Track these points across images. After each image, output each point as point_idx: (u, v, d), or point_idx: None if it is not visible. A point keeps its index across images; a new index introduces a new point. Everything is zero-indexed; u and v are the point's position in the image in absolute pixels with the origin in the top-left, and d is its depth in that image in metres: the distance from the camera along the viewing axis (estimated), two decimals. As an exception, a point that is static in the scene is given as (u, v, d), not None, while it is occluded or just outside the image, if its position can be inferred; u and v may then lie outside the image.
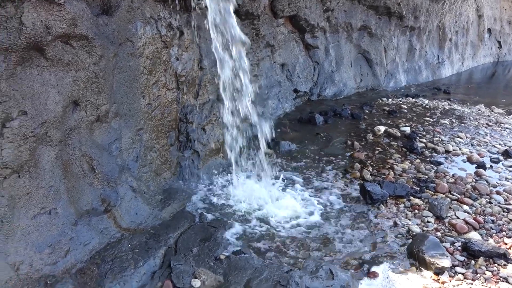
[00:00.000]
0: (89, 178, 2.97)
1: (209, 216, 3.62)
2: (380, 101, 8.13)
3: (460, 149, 5.50)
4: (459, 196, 4.11)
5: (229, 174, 4.40)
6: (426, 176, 4.58)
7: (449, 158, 5.19)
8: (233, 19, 3.93)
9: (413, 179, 4.50)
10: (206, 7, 3.85)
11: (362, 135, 5.95)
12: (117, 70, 3.23)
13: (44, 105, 2.57)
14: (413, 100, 8.44)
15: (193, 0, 3.91)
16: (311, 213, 3.76)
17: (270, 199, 3.89)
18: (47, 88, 2.59)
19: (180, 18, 3.92)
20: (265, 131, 4.42)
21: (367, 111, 7.31)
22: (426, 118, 6.98)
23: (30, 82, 2.48)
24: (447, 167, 4.88)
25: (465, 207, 3.91)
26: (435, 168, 4.83)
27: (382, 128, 6.10)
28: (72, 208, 2.80)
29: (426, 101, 8.33)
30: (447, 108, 7.90)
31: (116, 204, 3.14)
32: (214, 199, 3.93)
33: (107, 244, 2.96)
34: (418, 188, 4.27)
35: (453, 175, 4.61)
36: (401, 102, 8.12)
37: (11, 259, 2.39)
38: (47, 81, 2.60)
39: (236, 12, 4.16)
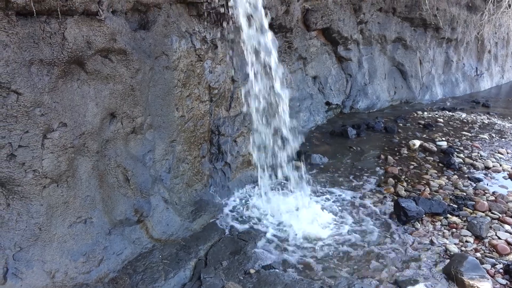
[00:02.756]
0: (123, 189, 3.03)
1: (239, 229, 3.61)
2: (415, 114, 7.92)
3: (500, 165, 5.25)
4: (500, 215, 3.91)
5: (259, 187, 4.39)
6: (464, 193, 4.40)
7: (489, 175, 4.97)
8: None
9: (450, 196, 4.33)
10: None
11: (396, 149, 5.80)
12: (152, 83, 3.31)
13: (83, 117, 2.66)
14: (450, 113, 8.18)
15: (226, 14, 3.96)
16: (342, 229, 3.67)
17: (300, 213, 3.84)
18: (86, 101, 2.68)
19: (214, 31, 3.98)
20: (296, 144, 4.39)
21: (401, 124, 7.13)
22: (464, 133, 6.73)
23: (70, 94, 2.58)
24: (487, 184, 4.67)
25: (507, 227, 3.72)
26: (474, 184, 4.63)
27: (417, 142, 5.93)
28: (106, 218, 2.86)
29: (464, 115, 8.05)
30: (486, 122, 7.60)
31: (148, 214, 3.19)
32: (244, 212, 3.92)
33: (139, 254, 3.00)
34: (456, 206, 4.10)
35: (493, 193, 4.41)
36: (437, 116, 7.88)
37: (48, 266, 2.46)
38: (86, 94, 2.69)
39: (269, 25, 4.18)
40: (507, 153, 5.75)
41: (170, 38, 3.44)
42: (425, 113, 8.10)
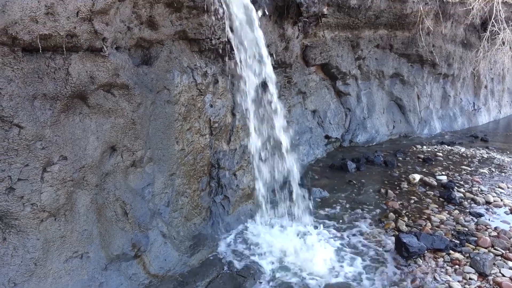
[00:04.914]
0: (121, 223, 3.00)
1: (238, 265, 3.55)
2: (414, 148, 7.95)
3: (501, 200, 5.22)
4: (503, 251, 3.85)
5: (259, 221, 4.34)
6: (466, 229, 4.35)
7: (490, 210, 4.93)
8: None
9: (452, 231, 4.27)
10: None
11: (396, 183, 5.79)
12: (153, 116, 3.34)
13: (83, 150, 2.67)
14: (449, 147, 8.20)
15: (227, 50, 4.06)
16: (342, 265, 3.61)
17: (300, 249, 3.78)
18: (87, 134, 2.70)
19: (215, 67, 4.07)
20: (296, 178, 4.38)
21: (400, 158, 7.14)
22: (464, 167, 6.73)
23: (72, 128, 2.60)
24: (489, 219, 4.62)
25: (511, 264, 3.65)
26: (476, 220, 4.58)
27: (417, 177, 5.92)
28: (103, 253, 2.81)
29: (463, 149, 8.08)
30: (486, 156, 7.61)
31: (146, 249, 3.14)
32: (244, 247, 3.86)
33: (135, 291, 2.93)
34: (458, 241, 4.04)
35: (495, 228, 4.36)
36: (436, 150, 7.90)
37: (42, 303, 2.39)
38: (88, 128, 2.71)
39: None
40: (508, 187, 5.73)
41: (172, 73, 3.51)
42: (424, 147, 8.13)
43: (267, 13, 4.75)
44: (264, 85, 4.15)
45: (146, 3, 3.08)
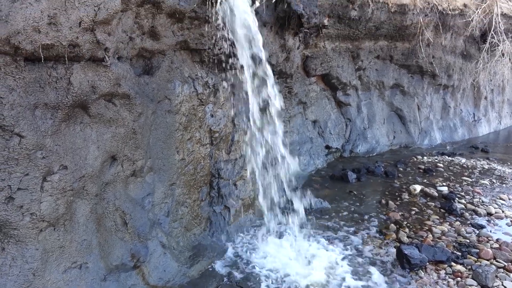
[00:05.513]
0: (121, 233, 2.98)
1: (238, 276, 3.52)
2: (415, 159, 7.94)
3: (503, 211, 5.19)
4: (505, 263, 3.82)
5: (259, 232, 4.31)
6: (468, 240, 4.31)
7: (492, 221, 4.89)
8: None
9: (454, 243, 4.24)
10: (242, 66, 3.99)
11: (397, 194, 5.76)
12: (154, 126, 3.34)
13: (84, 160, 2.67)
14: (450, 158, 8.19)
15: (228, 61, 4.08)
16: (343, 278, 3.57)
17: (300, 261, 3.75)
18: (88, 144, 2.70)
19: (216, 77, 4.08)
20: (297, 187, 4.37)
21: (401, 169, 7.13)
22: (465, 178, 6.71)
23: (72, 137, 2.60)
24: (490, 231, 4.59)
25: (513, 276, 3.62)
26: (477, 231, 4.55)
27: (418, 187, 5.89)
28: (102, 263, 2.79)
29: (464, 160, 8.06)
30: (486, 167, 7.59)
31: (145, 260, 3.11)
32: (244, 257, 3.83)
33: (134, 302, 2.90)
34: (460, 253, 4.01)
35: (497, 240, 4.32)
36: (436, 160, 7.89)
37: (39, 314, 2.37)
38: (88, 137, 2.71)
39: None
40: (509, 199, 5.70)
41: (173, 83, 3.52)
42: (425, 157, 8.12)
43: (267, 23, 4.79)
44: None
45: (148, 14, 3.10)
